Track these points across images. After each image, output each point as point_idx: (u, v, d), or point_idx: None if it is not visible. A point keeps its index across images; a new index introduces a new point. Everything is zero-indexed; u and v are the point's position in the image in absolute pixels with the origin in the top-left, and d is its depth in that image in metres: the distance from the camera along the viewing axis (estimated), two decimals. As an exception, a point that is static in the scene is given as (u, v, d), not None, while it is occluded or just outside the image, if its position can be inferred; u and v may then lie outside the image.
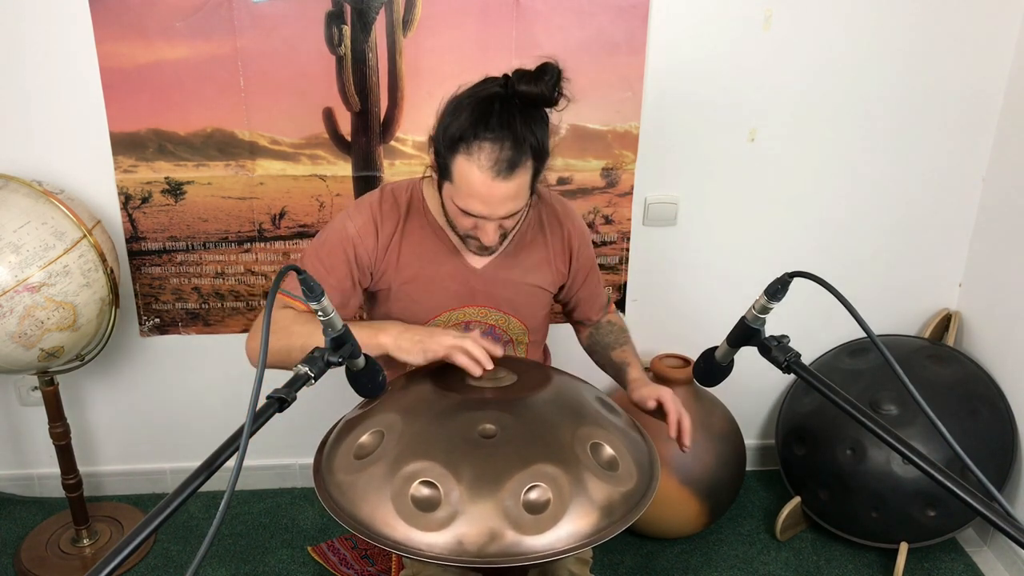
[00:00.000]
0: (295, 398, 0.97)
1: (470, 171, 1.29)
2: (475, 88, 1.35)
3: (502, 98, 1.30)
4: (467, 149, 1.29)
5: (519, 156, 1.29)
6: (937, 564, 2.17)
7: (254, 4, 1.90)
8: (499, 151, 1.28)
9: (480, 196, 1.32)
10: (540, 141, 1.32)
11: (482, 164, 1.28)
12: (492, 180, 1.29)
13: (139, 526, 0.81)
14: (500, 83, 1.33)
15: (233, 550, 2.20)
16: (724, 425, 2.18)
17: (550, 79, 1.30)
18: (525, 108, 1.31)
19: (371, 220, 1.48)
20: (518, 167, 1.30)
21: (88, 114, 1.97)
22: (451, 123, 1.31)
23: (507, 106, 1.29)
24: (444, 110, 1.35)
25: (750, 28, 2.02)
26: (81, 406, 2.30)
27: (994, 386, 2.16)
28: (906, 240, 2.29)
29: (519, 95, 1.30)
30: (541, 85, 1.30)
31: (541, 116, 1.33)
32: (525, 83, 1.30)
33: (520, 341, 1.63)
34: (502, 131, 1.28)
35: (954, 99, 2.13)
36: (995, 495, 0.89)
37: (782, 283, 1.07)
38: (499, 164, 1.28)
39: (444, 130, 1.32)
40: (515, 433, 1.15)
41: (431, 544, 1.04)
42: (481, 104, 1.30)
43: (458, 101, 1.33)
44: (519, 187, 1.32)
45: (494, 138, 1.28)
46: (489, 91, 1.32)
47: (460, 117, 1.30)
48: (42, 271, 1.74)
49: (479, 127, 1.28)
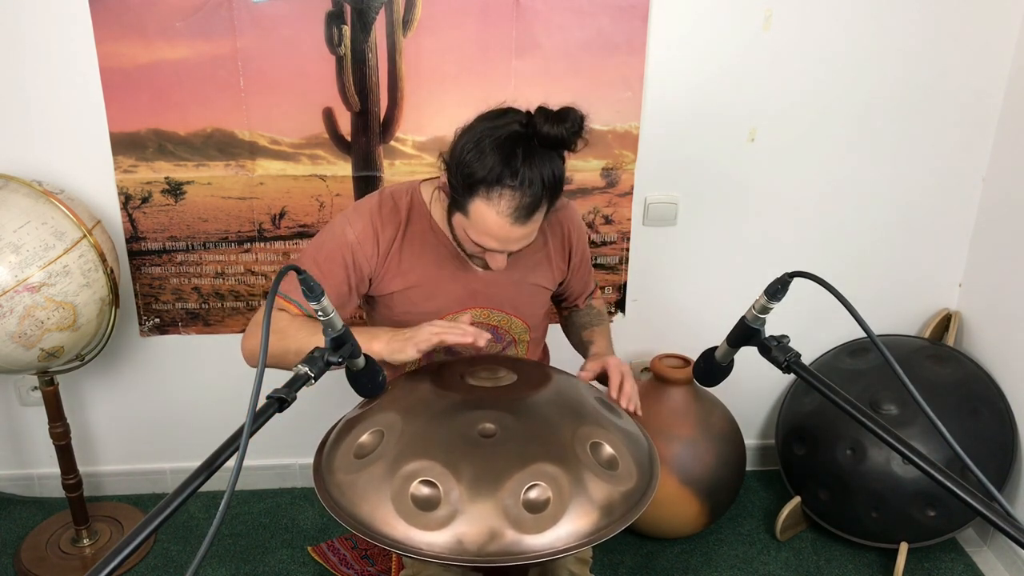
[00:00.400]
0: (295, 398, 0.98)
1: (488, 214, 1.30)
2: (495, 123, 1.31)
3: (524, 140, 1.29)
4: (487, 194, 1.29)
5: (538, 202, 1.31)
6: (937, 564, 2.17)
7: (254, 4, 1.90)
8: (519, 199, 1.29)
9: (496, 236, 1.34)
10: (557, 180, 1.33)
11: (501, 210, 1.29)
12: (511, 226, 1.31)
13: (139, 526, 0.82)
14: (521, 121, 1.31)
15: (233, 550, 2.20)
16: (724, 425, 2.18)
17: (572, 125, 1.29)
18: (544, 150, 1.30)
19: (371, 226, 1.47)
20: (536, 211, 1.32)
21: (88, 114, 1.97)
22: (472, 164, 1.29)
23: (529, 151, 1.28)
24: (462, 145, 1.31)
25: (750, 28, 2.02)
26: (81, 406, 2.30)
27: (994, 386, 2.16)
28: (906, 240, 2.29)
29: (540, 136, 1.29)
30: (562, 129, 1.28)
31: (559, 155, 1.33)
32: (548, 126, 1.28)
33: (522, 340, 1.63)
34: (523, 179, 1.28)
35: (954, 99, 2.13)
36: (995, 495, 0.89)
37: (782, 283, 1.07)
38: (518, 211, 1.30)
39: (462, 169, 1.30)
40: (515, 432, 1.15)
41: (431, 543, 1.04)
42: (503, 147, 1.28)
43: (477, 138, 1.30)
44: (535, 228, 1.36)
45: (515, 186, 1.28)
46: (510, 130, 1.30)
47: (480, 160, 1.28)
48: (42, 271, 1.74)
49: (502, 175, 1.27)
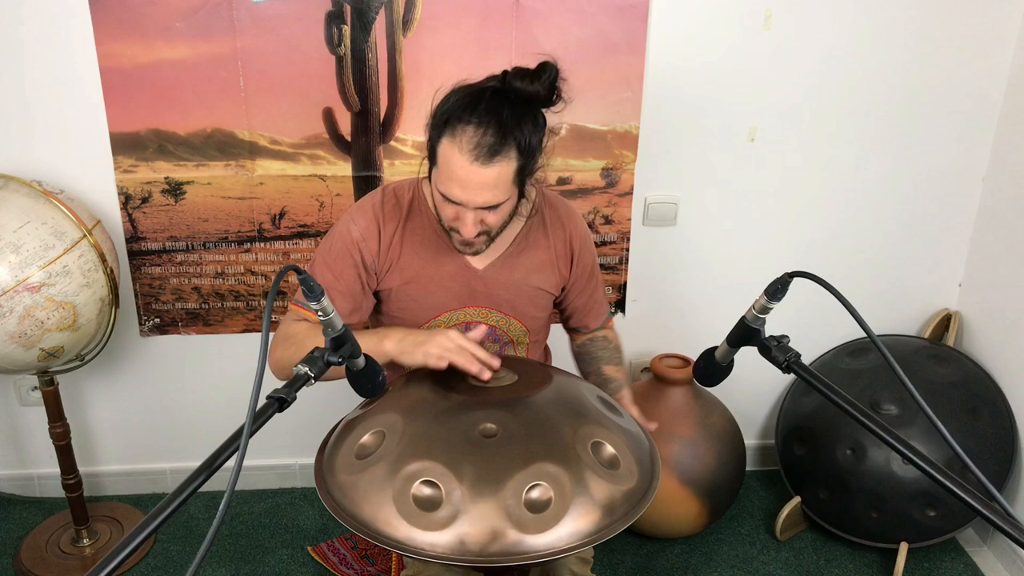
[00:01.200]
0: (295, 398, 0.98)
1: (451, 153, 1.30)
2: (471, 84, 1.36)
3: (495, 90, 1.32)
4: (451, 132, 1.30)
5: (501, 145, 1.29)
6: (937, 564, 2.18)
7: (254, 4, 1.90)
8: (481, 135, 1.28)
9: (459, 180, 1.31)
10: (528, 138, 1.32)
11: (463, 147, 1.29)
12: (470, 163, 1.29)
13: (139, 526, 0.81)
14: (498, 79, 1.35)
15: (233, 550, 2.20)
16: (724, 425, 2.18)
17: (546, 78, 1.31)
18: (518, 103, 1.31)
19: (374, 221, 1.48)
20: (499, 155, 1.29)
21: (88, 114, 1.97)
22: (440, 106, 1.33)
23: (498, 96, 1.31)
24: (438, 99, 1.36)
25: (750, 28, 2.02)
26: (81, 406, 2.30)
27: (994, 386, 2.16)
28: (906, 240, 2.29)
29: (514, 91, 1.31)
30: (537, 84, 1.31)
31: (534, 115, 1.34)
32: (520, 79, 1.31)
33: (520, 342, 1.63)
34: (488, 117, 1.28)
35: (954, 99, 2.13)
36: (995, 495, 0.89)
37: (782, 283, 1.07)
38: (479, 148, 1.28)
39: (433, 114, 1.34)
40: (516, 432, 1.15)
41: (433, 544, 1.04)
42: (473, 92, 1.32)
43: (454, 88, 1.35)
44: (499, 176, 1.31)
45: (478, 123, 1.28)
46: (484, 84, 1.34)
47: (449, 101, 1.32)
48: (42, 271, 1.74)
49: (466, 111, 1.29)
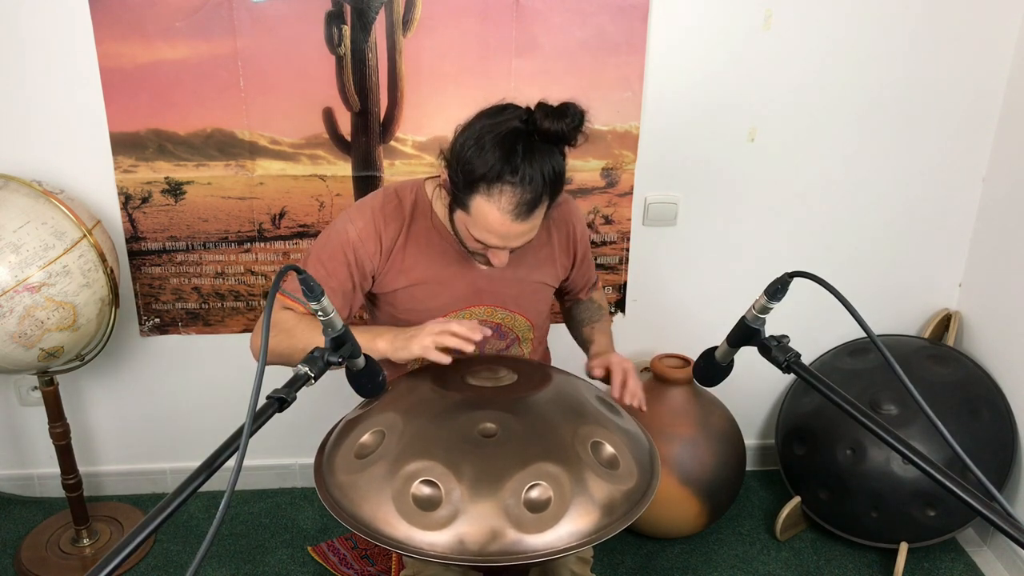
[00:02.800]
0: (295, 398, 0.98)
1: (489, 211, 1.30)
2: (495, 119, 1.31)
3: (524, 136, 1.29)
4: (488, 191, 1.29)
5: (538, 198, 1.31)
6: (937, 564, 2.17)
7: (254, 4, 1.90)
8: (520, 195, 1.29)
9: (498, 233, 1.34)
10: (558, 176, 1.33)
11: (503, 207, 1.29)
12: (512, 222, 1.31)
13: (139, 526, 0.81)
14: (521, 117, 1.31)
15: (233, 550, 2.20)
16: (724, 425, 2.18)
17: (571, 121, 1.29)
18: (545, 145, 1.30)
19: (372, 223, 1.48)
20: (537, 208, 1.32)
21: (88, 114, 1.97)
22: (472, 160, 1.29)
23: (529, 147, 1.28)
24: (462, 142, 1.31)
25: (750, 28, 2.02)
26: (81, 406, 2.30)
27: (994, 386, 2.16)
28: (906, 240, 2.29)
29: (540, 132, 1.29)
30: (562, 124, 1.29)
31: (560, 151, 1.33)
32: (548, 121, 1.28)
33: (525, 338, 1.64)
34: (524, 175, 1.28)
35: (954, 99, 2.13)
36: (995, 495, 0.89)
37: (782, 283, 1.07)
38: (519, 207, 1.30)
39: (463, 166, 1.30)
40: (516, 432, 1.15)
41: (432, 543, 1.04)
42: (503, 143, 1.28)
43: (478, 135, 1.30)
44: (536, 224, 1.36)
45: (516, 182, 1.28)
46: (509, 125, 1.30)
47: (481, 156, 1.28)
48: (42, 271, 1.74)
49: (503, 171, 1.27)
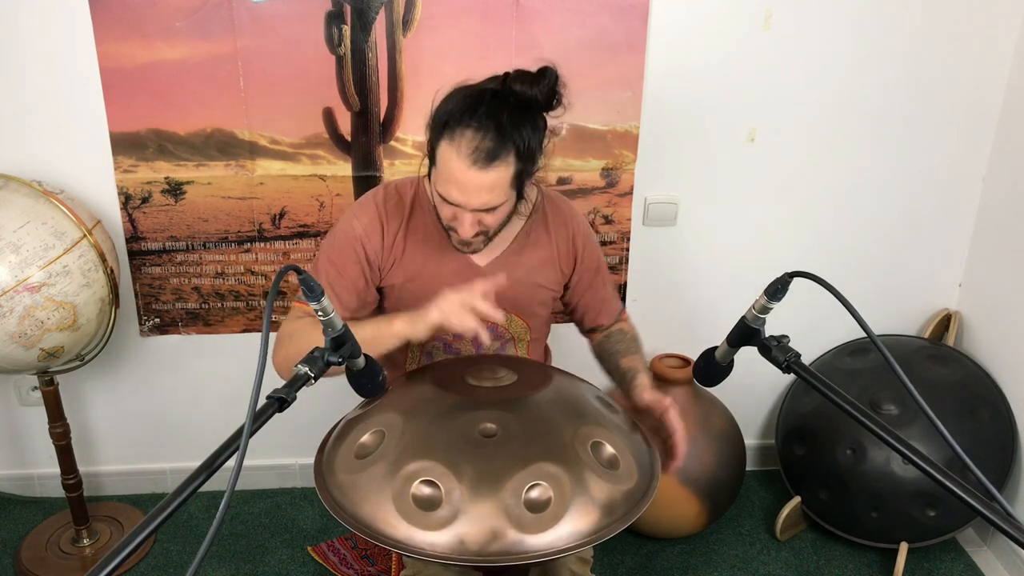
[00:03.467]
0: (295, 398, 0.98)
1: (450, 156, 1.31)
2: (472, 84, 1.37)
3: (495, 93, 1.32)
4: (451, 134, 1.31)
5: (500, 149, 1.30)
6: (937, 564, 2.17)
7: (254, 4, 1.90)
8: (480, 140, 1.29)
9: (457, 183, 1.32)
10: (527, 142, 1.32)
11: (461, 151, 1.30)
12: (469, 168, 1.30)
13: (139, 526, 0.81)
14: (498, 81, 1.35)
15: (233, 550, 2.20)
16: (724, 425, 2.18)
17: (546, 83, 1.32)
18: (518, 107, 1.31)
19: (376, 217, 1.49)
20: (497, 160, 1.30)
21: (88, 114, 1.97)
22: (440, 108, 1.33)
23: (498, 100, 1.31)
24: (438, 99, 1.36)
25: (750, 28, 2.02)
26: (81, 406, 2.30)
27: (994, 386, 2.16)
28: (906, 240, 2.29)
29: (514, 94, 1.32)
30: (536, 88, 1.31)
31: (533, 119, 1.34)
32: (521, 83, 1.32)
33: (521, 339, 1.63)
34: (487, 121, 1.29)
35: (954, 99, 2.13)
36: (995, 495, 0.89)
37: (782, 283, 1.07)
38: (478, 152, 1.29)
39: (433, 116, 1.35)
40: (516, 432, 1.15)
41: (432, 543, 1.04)
42: (473, 94, 1.32)
43: (453, 90, 1.35)
44: (497, 180, 1.32)
45: (478, 127, 1.29)
46: (485, 86, 1.34)
47: (450, 103, 1.32)
48: (42, 271, 1.74)
49: (465, 114, 1.30)
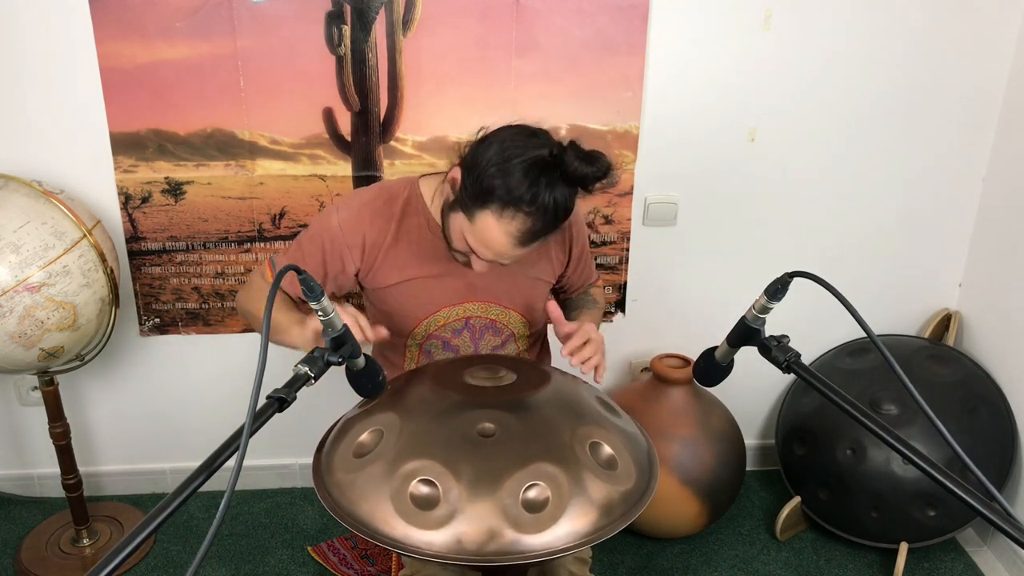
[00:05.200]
0: (295, 398, 0.98)
1: (494, 229, 1.31)
2: (525, 141, 1.30)
3: (551, 169, 1.28)
4: (500, 210, 1.29)
5: (544, 231, 1.32)
6: (937, 564, 2.17)
7: (254, 4, 1.90)
8: (530, 224, 1.30)
9: (494, 251, 1.35)
10: (567, 214, 1.34)
11: (510, 231, 1.30)
12: (512, 246, 1.33)
13: (139, 526, 0.82)
14: (552, 150, 1.30)
15: (233, 550, 2.20)
16: (724, 425, 2.18)
17: (599, 169, 1.28)
18: (570, 185, 1.30)
19: (357, 216, 1.49)
20: (539, 238, 1.34)
21: (88, 114, 1.97)
22: (494, 177, 1.28)
23: (552, 181, 1.28)
24: (488, 155, 1.30)
25: (750, 28, 2.02)
26: (81, 406, 2.30)
27: (994, 386, 2.16)
28: (906, 240, 2.29)
29: (566, 170, 1.27)
30: (590, 170, 1.27)
31: (577, 191, 1.33)
32: (579, 163, 1.27)
33: (521, 334, 1.64)
34: (539, 207, 1.28)
35: (954, 99, 2.13)
36: (995, 495, 0.89)
37: (782, 283, 1.07)
38: (525, 236, 1.31)
39: (483, 178, 1.29)
40: (514, 432, 1.15)
41: (430, 542, 1.04)
42: (530, 171, 1.27)
43: (506, 155, 1.28)
44: (531, 252, 1.37)
45: (530, 212, 1.28)
46: (539, 155, 1.28)
47: (504, 177, 1.27)
48: (42, 271, 1.74)
49: (522, 198, 1.27)
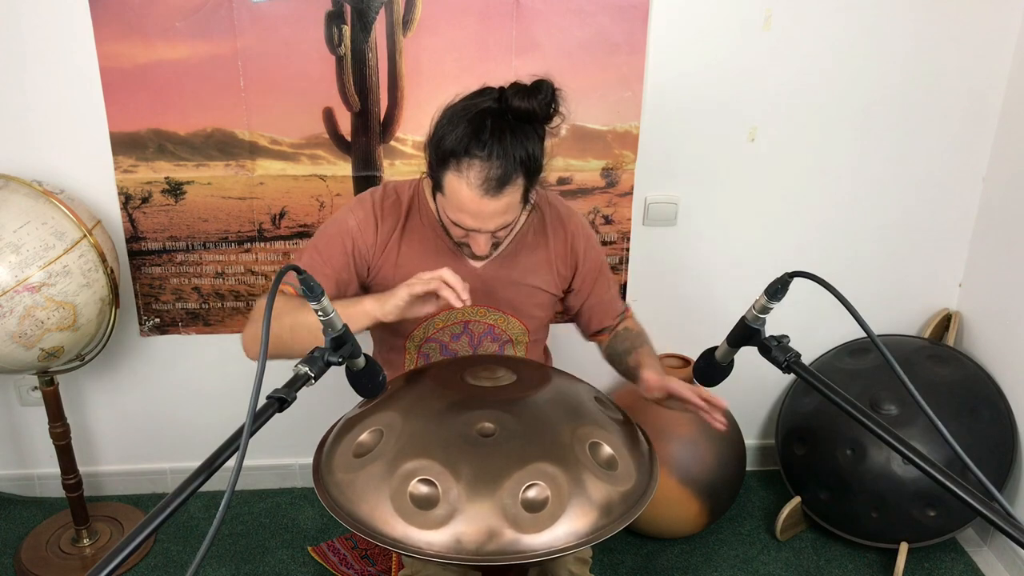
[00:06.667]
0: (295, 398, 0.98)
1: (460, 188, 1.30)
2: (469, 99, 1.34)
3: (495, 113, 1.30)
4: (457, 165, 1.29)
5: (509, 174, 1.30)
6: (937, 564, 2.17)
7: (254, 4, 1.90)
8: (488, 169, 1.28)
9: (470, 212, 1.33)
10: (532, 157, 1.32)
11: (471, 182, 1.29)
12: (481, 198, 1.30)
13: (139, 526, 0.82)
14: (494, 96, 1.32)
15: (233, 550, 2.20)
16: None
17: (544, 96, 1.30)
18: (518, 124, 1.30)
19: (372, 215, 1.49)
20: (507, 185, 1.30)
21: (88, 114, 1.97)
22: (443, 137, 1.31)
23: (499, 123, 1.29)
24: (438, 120, 1.34)
25: (750, 28, 2.02)
26: (81, 406, 2.30)
27: (994, 386, 2.16)
28: (906, 240, 2.29)
29: (512, 110, 1.30)
30: (534, 102, 1.29)
31: (534, 131, 1.33)
32: (519, 99, 1.29)
33: (519, 341, 1.63)
34: (492, 149, 1.28)
35: (954, 99, 2.13)
36: (995, 495, 0.89)
37: (782, 283, 1.07)
38: (488, 182, 1.29)
39: (436, 144, 1.32)
40: (514, 432, 1.15)
41: (430, 542, 1.04)
42: (474, 119, 1.29)
43: (452, 113, 1.32)
44: (509, 203, 1.33)
45: (484, 156, 1.28)
46: (482, 105, 1.31)
47: (452, 132, 1.30)
48: (42, 271, 1.74)
49: (470, 144, 1.28)
